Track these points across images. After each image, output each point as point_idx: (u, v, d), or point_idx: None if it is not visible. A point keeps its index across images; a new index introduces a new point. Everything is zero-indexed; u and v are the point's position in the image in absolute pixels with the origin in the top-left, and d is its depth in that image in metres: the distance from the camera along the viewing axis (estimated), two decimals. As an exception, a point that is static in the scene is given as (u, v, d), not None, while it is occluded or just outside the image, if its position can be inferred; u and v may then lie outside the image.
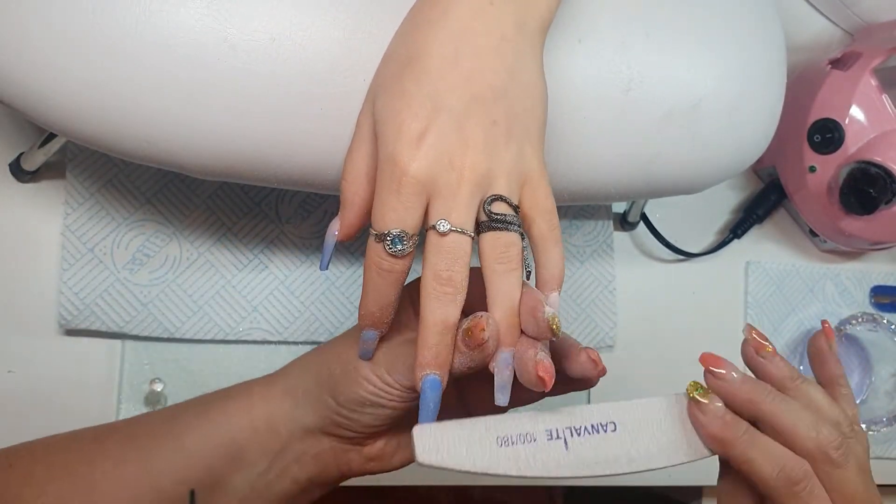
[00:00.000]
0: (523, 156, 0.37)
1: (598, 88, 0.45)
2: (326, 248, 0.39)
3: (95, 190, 0.56)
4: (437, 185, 0.35)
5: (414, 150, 0.35)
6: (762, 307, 0.72)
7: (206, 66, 0.39)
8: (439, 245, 0.35)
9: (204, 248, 0.58)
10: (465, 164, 0.35)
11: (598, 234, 0.67)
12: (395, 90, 0.36)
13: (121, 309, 0.56)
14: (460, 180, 0.35)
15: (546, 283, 0.38)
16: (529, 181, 0.38)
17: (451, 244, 0.35)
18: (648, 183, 0.49)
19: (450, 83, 0.36)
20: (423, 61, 0.36)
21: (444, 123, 0.35)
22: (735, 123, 0.49)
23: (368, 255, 0.36)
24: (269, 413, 0.41)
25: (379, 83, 0.38)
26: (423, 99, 0.35)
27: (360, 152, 0.37)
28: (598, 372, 0.40)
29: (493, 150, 0.36)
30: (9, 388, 0.55)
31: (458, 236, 0.35)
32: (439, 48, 0.36)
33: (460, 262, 0.35)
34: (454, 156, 0.35)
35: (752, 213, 0.71)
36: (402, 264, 0.36)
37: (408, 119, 0.35)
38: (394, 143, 0.35)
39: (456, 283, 0.35)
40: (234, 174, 0.43)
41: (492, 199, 0.36)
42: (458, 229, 0.35)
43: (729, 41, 0.49)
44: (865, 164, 0.63)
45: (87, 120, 0.40)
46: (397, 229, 0.35)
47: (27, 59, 0.38)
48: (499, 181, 0.36)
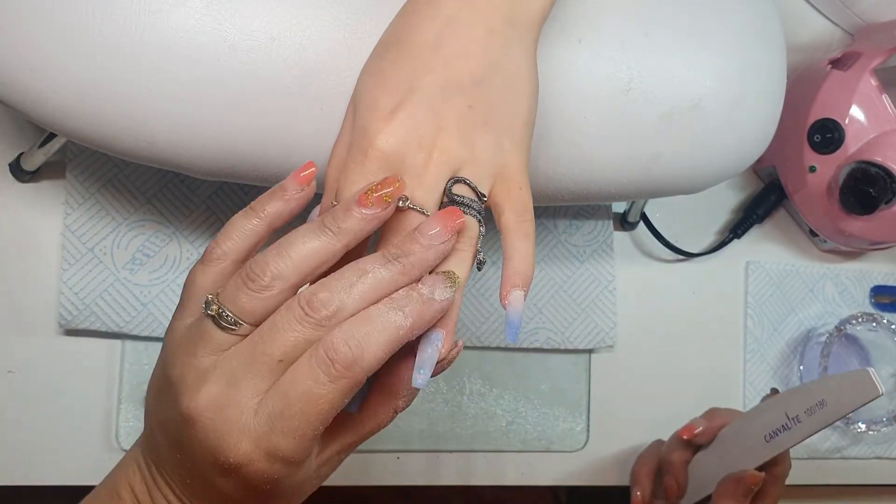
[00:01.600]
0: (500, 148, 0.36)
1: (598, 88, 0.45)
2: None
3: (95, 190, 0.56)
4: (403, 162, 0.35)
5: (383, 124, 0.35)
6: (762, 307, 0.72)
7: (206, 66, 0.39)
8: (397, 219, 0.35)
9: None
10: (435, 145, 0.35)
11: (598, 234, 0.67)
12: (373, 69, 0.37)
13: (121, 309, 0.56)
14: (427, 161, 0.35)
15: (508, 278, 0.36)
16: (504, 174, 0.37)
17: (409, 221, 0.35)
18: (648, 183, 0.49)
19: (427, 66, 0.35)
20: (404, 45, 0.36)
21: (417, 103, 0.35)
22: (735, 123, 0.49)
23: (321, 217, 0.34)
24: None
25: (362, 69, 0.39)
26: (399, 78, 0.35)
27: (343, 140, 0.38)
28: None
29: (466, 136, 0.35)
30: (9, 388, 0.55)
31: (415, 214, 0.35)
32: (421, 34, 0.36)
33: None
34: (424, 136, 0.35)
35: (752, 212, 0.71)
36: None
37: (381, 96, 0.35)
38: (365, 117, 0.35)
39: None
40: (233, 174, 0.43)
41: (454, 181, 0.36)
42: (416, 207, 0.35)
43: (729, 41, 0.49)
44: (865, 164, 0.63)
45: (87, 120, 0.40)
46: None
47: (27, 59, 0.38)
48: (468, 167, 0.36)
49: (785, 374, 0.72)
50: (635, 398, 0.68)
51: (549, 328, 0.64)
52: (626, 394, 0.68)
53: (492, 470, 0.65)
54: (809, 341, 0.71)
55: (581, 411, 0.66)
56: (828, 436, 0.72)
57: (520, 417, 0.65)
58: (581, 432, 0.66)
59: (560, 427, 0.65)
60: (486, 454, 0.64)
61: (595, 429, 0.66)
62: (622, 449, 0.68)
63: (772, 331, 0.72)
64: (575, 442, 0.66)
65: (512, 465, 0.65)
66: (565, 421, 0.66)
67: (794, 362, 0.72)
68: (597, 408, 0.66)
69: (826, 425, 0.50)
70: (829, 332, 0.68)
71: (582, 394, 0.66)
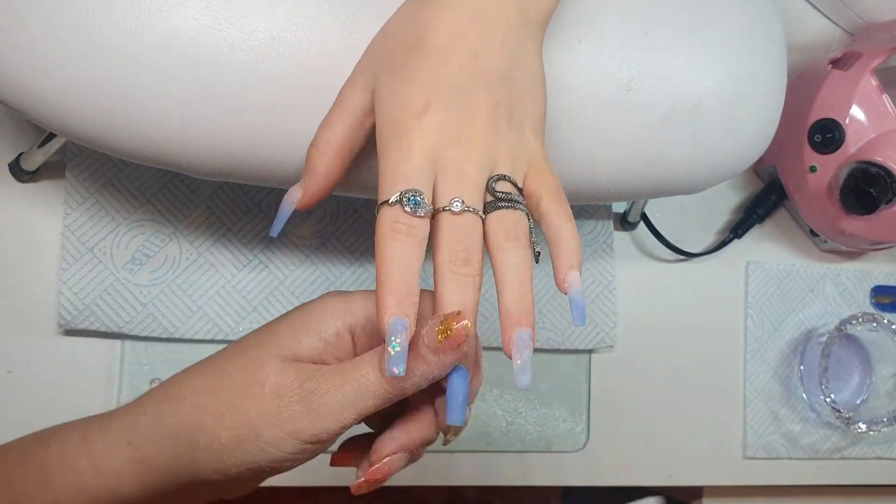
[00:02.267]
0: (526, 141, 0.37)
1: (599, 88, 0.45)
2: (282, 215, 0.37)
3: (95, 190, 0.56)
4: (444, 158, 0.34)
5: (420, 121, 0.34)
6: (762, 307, 0.72)
7: (206, 66, 0.39)
8: (453, 225, 0.33)
9: (203, 248, 0.58)
10: (473, 141, 0.35)
11: (599, 234, 0.67)
12: (402, 70, 0.35)
13: (120, 309, 0.56)
14: (469, 157, 0.34)
15: (564, 261, 0.35)
16: (533, 165, 0.37)
17: (467, 224, 0.34)
18: (649, 183, 0.49)
19: (458, 61, 0.35)
20: (431, 41, 0.36)
21: (451, 99, 0.35)
22: (735, 123, 0.49)
23: (382, 224, 0.33)
24: (112, 490, 0.34)
25: (381, 60, 0.37)
26: (430, 75, 0.35)
27: (342, 125, 0.37)
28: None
29: (498, 131, 0.35)
30: (8, 388, 0.55)
31: (472, 216, 0.34)
32: (446, 28, 0.36)
33: (475, 242, 0.34)
34: (462, 130, 0.35)
35: (752, 212, 0.71)
36: (423, 225, 0.33)
37: (414, 94, 0.34)
38: (402, 117, 0.34)
39: (474, 265, 0.33)
40: (233, 174, 0.43)
41: (497, 177, 0.35)
42: (471, 209, 0.34)
43: (729, 41, 0.49)
44: (866, 163, 0.63)
45: (87, 120, 0.40)
46: (412, 189, 0.33)
47: (26, 58, 0.38)
48: (503, 162, 0.35)
49: (785, 374, 0.72)
50: (635, 398, 0.68)
51: (549, 328, 0.64)
52: (626, 394, 0.68)
53: (492, 470, 0.65)
54: (810, 341, 0.71)
55: (581, 411, 0.66)
56: (828, 436, 0.72)
57: (520, 417, 0.65)
58: (581, 432, 0.66)
59: (560, 427, 0.65)
60: (486, 454, 0.64)
61: (595, 429, 0.66)
62: (622, 449, 0.68)
63: (772, 331, 0.72)
64: (575, 442, 0.66)
65: (512, 465, 0.65)
66: (565, 421, 0.66)
67: (795, 362, 0.72)
68: (597, 408, 0.66)
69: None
70: (830, 333, 0.68)
71: (582, 394, 0.66)
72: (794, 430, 0.72)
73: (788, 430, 0.72)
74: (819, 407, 0.71)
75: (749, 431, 0.71)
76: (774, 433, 0.71)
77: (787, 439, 0.72)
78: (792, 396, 0.72)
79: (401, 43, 0.37)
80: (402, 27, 0.37)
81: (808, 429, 0.72)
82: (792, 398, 0.72)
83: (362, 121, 0.37)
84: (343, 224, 0.61)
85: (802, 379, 0.71)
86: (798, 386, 0.72)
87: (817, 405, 0.71)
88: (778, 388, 0.72)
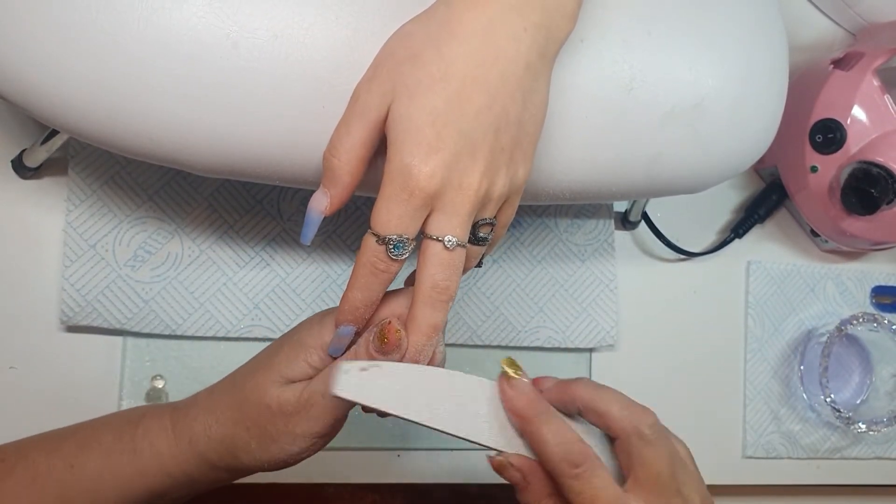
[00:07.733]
0: (515, 178, 0.40)
1: (600, 88, 0.45)
2: (311, 223, 0.40)
3: (97, 187, 0.56)
4: (442, 200, 0.37)
5: (429, 167, 0.36)
6: (763, 307, 0.72)
7: (209, 64, 0.39)
8: (442, 258, 0.38)
9: (206, 246, 0.58)
10: (472, 186, 0.37)
11: (600, 234, 0.67)
12: (421, 99, 0.36)
13: (122, 306, 0.56)
14: (465, 200, 0.37)
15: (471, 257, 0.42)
16: (509, 199, 0.40)
17: (455, 258, 0.38)
18: (650, 182, 0.49)
19: (475, 109, 0.37)
20: (452, 81, 0.36)
21: (460, 144, 0.37)
22: (737, 123, 0.49)
23: (365, 253, 0.38)
24: (183, 471, 0.43)
25: (403, 75, 0.37)
26: (445, 119, 0.36)
27: (362, 131, 0.38)
28: None
29: (494, 176, 0.38)
30: (10, 385, 0.55)
31: (461, 251, 0.38)
32: (467, 71, 0.37)
33: (457, 273, 0.39)
34: (464, 176, 0.37)
35: (753, 212, 0.71)
36: (396, 266, 0.38)
37: (431, 137, 0.36)
38: (411, 156, 0.36)
39: (451, 293, 0.38)
40: (236, 172, 0.43)
41: (482, 222, 0.39)
42: (462, 245, 0.38)
43: (731, 41, 0.49)
44: (867, 164, 0.63)
45: (89, 117, 0.40)
46: (401, 235, 0.37)
47: (29, 56, 0.38)
48: (490, 204, 0.39)
49: (785, 374, 0.72)
50: (636, 398, 0.68)
51: (549, 327, 0.65)
52: (626, 393, 0.68)
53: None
54: (810, 341, 0.71)
55: (581, 410, 0.66)
56: (828, 436, 0.73)
57: (520, 416, 0.65)
58: (581, 431, 0.66)
59: (560, 426, 0.65)
60: (486, 452, 0.64)
61: (595, 428, 0.66)
62: (622, 448, 0.68)
63: (772, 330, 0.72)
64: (575, 441, 0.66)
65: (512, 464, 0.65)
66: (566, 420, 0.66)
67: (795, 362, 0.72)
68: (597, 407, 0.66)
69: None
70: (830, 333, 0.68)
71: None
72: (793, 430, 0.72)
73: (788, 430, 0.72)
74: (819, 407, 0.71)
75: (749, 431, 0.71)
76: (774, 433, 0.71)
77: (786, 439, 0.72)
78: (792, 396, 0.72)
79: (423, 67, 0.37)
80: (425, 48, 0.37)
81: (807, 428, 0.72)
82: (792, 398, 0.72)
83: (380, 127, 0.38)
84: (344, 222, 0.61)
85: (802, 379, 0.71)
86: (798, 386, 0.72)
87: (817, 405, 0.71)
88: (778, 388, 0.72)
